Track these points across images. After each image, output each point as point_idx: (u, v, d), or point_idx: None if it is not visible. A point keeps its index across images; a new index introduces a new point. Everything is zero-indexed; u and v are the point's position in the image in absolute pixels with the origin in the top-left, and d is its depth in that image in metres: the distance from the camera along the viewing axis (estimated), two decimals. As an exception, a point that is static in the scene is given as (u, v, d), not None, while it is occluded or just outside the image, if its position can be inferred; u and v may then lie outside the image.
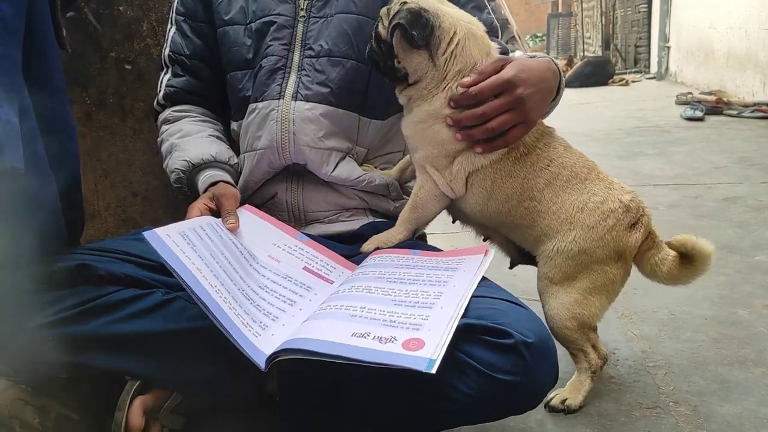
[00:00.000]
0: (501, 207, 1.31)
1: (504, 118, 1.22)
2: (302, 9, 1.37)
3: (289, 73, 1.36)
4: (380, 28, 1.26)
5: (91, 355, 1.08)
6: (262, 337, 0.97)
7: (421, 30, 1.22)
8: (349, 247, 1.34)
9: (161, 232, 1.03)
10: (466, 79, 1.23)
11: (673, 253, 1.38)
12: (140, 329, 1.08)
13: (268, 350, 0.93)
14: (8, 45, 1.03)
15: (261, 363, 0.92)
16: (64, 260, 1.13)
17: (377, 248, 1.31)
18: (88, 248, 1.21)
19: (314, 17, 1.37)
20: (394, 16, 1.23)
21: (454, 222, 1.48)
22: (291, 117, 1.33)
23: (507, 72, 1.21)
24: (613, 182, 1.35)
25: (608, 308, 1.38)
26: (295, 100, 1.34)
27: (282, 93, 1.35)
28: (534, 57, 1.31)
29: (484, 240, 1.47)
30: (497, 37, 1.41)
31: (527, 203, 1.30)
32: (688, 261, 1.37)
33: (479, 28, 1.29)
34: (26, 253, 1.08)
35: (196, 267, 0.99)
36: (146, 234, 1.02)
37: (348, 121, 1.37)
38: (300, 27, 1.37)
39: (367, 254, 1.30)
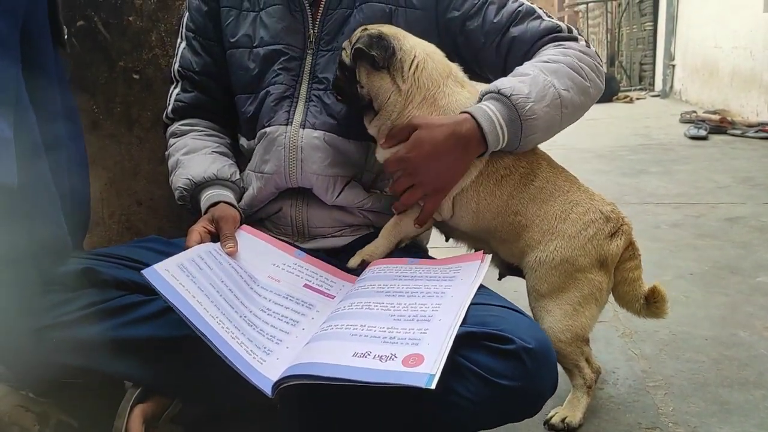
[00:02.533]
0: (489, 224, 1.35)
1: (409, 195, 1.29)
2: (311, 41, 1.38)
3: (297, 102, 1.37)
4: (343, 55, 1.30)
5: (94, 359, 1.09)
6: (267, 363, 0.98)
7: (381, 51, 1.25)
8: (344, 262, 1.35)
9: (159, 267, 1.04)
10: (382, 141, 1.30)
11: (645, 289, 1.43)
12: (143, 335, 1.09)
13: (274, 376, 0.95)
14: (3, 59, 1.03)
15: (267, 390, 0.93)
16: (69, 264, 1.13)
17: (363, 261, 1.33)
18: (94, 253, 1.23)
19: (323, 50, 1.38)
20: (356, 42, 1.27)
21: (447, 240, 1.50)
22: (299, 144, 1.34)
23: (401, 150, 1.27)
24: (594, 194, 1.38)
25: (598, 318, 1.38)
26: (303, 128, 1.35)
27: (290, 120, 1.36)
28: (444, 120, 1.27)
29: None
30: (535, 20, 1.37)
31: (512, 218, 1.33)
32: (646, 302, 1.44)
33: (437, 53, 1.33)
34: (27, 262, 1.08)
35: (197, 299, 1.00)
36: (144, 272, 1.03)
37: (356, 149, 1.38)
38: (309, 59, 1.38)
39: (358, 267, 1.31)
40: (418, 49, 1.29)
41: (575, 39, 1.38)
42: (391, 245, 1.36)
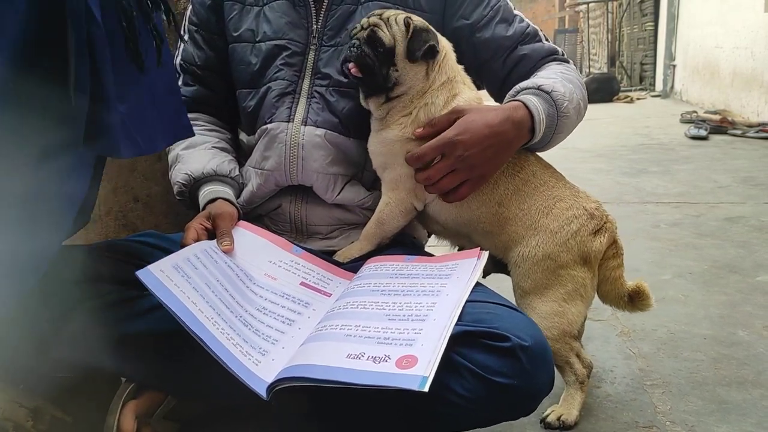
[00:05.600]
0: (473, 214, 1.34)
1: (447, 180, 1.25)
2: (314, 36, 1.38)
3: (299, 98, 1.37)
4: (382, 33, 1.27)
5: (88, 354, 1.08)
6: (262, 364, 0.97)
7: (437, 43, 1.29)
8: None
9: (154, 268, 1.03)
10: (419, 130, 1.28)
11: (628, 287, 1.43)
12: (138, 330, 1.09)
13: (269, 377, 0.94)
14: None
15: (262, 392, 0.93)
16: (64, 258, 1.13)
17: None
18: (90, 248, 1.22)
19: (325, 46, 1.37)
20: (411, 27, 1.27)
21: (429, 236, 1.49)
22: (300, 142, 1.34)
23: (448, 133, 1.23)
24: (579, 191, 1.39)
25: (585, 314, 1.38)
26: (305, 125, 1.35)
27: (291, 117, 1.35)
28: (496, 106, 1.31)
29: (458, 250, 1.47)
30: (539, 42, 1.44)
31: (496, 209, 1.33)
32: (630, 299, 1.44)
33: (451, 47, 1.37)
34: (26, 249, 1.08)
35: (192, 300, 1.00)
36: (139, 273, 1.02)
37: (357, 147, 1.38)
38: (311, 55, 1.38)
39: (351, 264, 1.32)
40: (444, 42, 1.34)
41: (568, 61, 1.48)
42: (373, 246, 1.35)
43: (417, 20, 1.29)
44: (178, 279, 1.03)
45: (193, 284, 1.03)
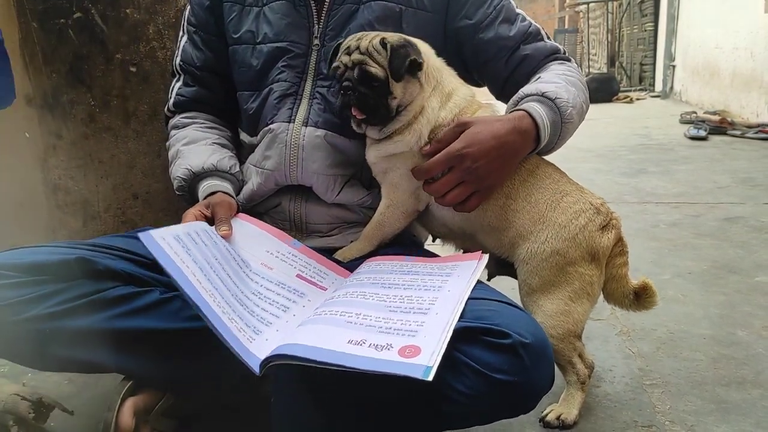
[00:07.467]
0: (480, 209, 1.32)
1: (457, 192, 1.24)
2: (316, 37, 1.37)
3: (300, 99, 1.36)
4: (372, 68, 1.23)
5: (86, 350, 1.08)
6: (256, 342, 0.96)
7: (418, 55, 1.25)
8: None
9: (156, 234, 1.02)
10: (426, 147, 1.27)
11: (634, 284, 1.43)
12: (136, 326, 1.09)
13: (262, 354, 0.93)
14: None
15: (255, 367, 0.91)
16: (63, 253, 1.12)
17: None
18: (88, 243, 1.22)
19: (327, 47, 1.36)
20: (388, 47, 1.22)
21: (434, 240, 1.49)
22: (301, 143, 1.33)
23: (455, 145, 1.22)
24: (583, 188, 1.38)
25: (590, 313, 1.37)
26: (306, 126, 1.34)
27: (292, 117, 1.35)
28: (501, 117, 1.30)
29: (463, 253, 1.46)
30: (540, 41, 1.43)
31: (503, 201, 1.32)
32: (636, 297, 1.44)
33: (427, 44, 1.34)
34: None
35: (191, 270, 0.99)
36: (141, 235, 1.01)
37: (356, 147, 1.37)
38: (313, 56, 1.37)
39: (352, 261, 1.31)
40: (424, 47, 1.30)
41: (570, 60, 1.48)
42: (373, 247, 1.35)
43: (392, 38, 1.24)
44: (179, 249, 1.02)
45: (192, 256, 1.02)
